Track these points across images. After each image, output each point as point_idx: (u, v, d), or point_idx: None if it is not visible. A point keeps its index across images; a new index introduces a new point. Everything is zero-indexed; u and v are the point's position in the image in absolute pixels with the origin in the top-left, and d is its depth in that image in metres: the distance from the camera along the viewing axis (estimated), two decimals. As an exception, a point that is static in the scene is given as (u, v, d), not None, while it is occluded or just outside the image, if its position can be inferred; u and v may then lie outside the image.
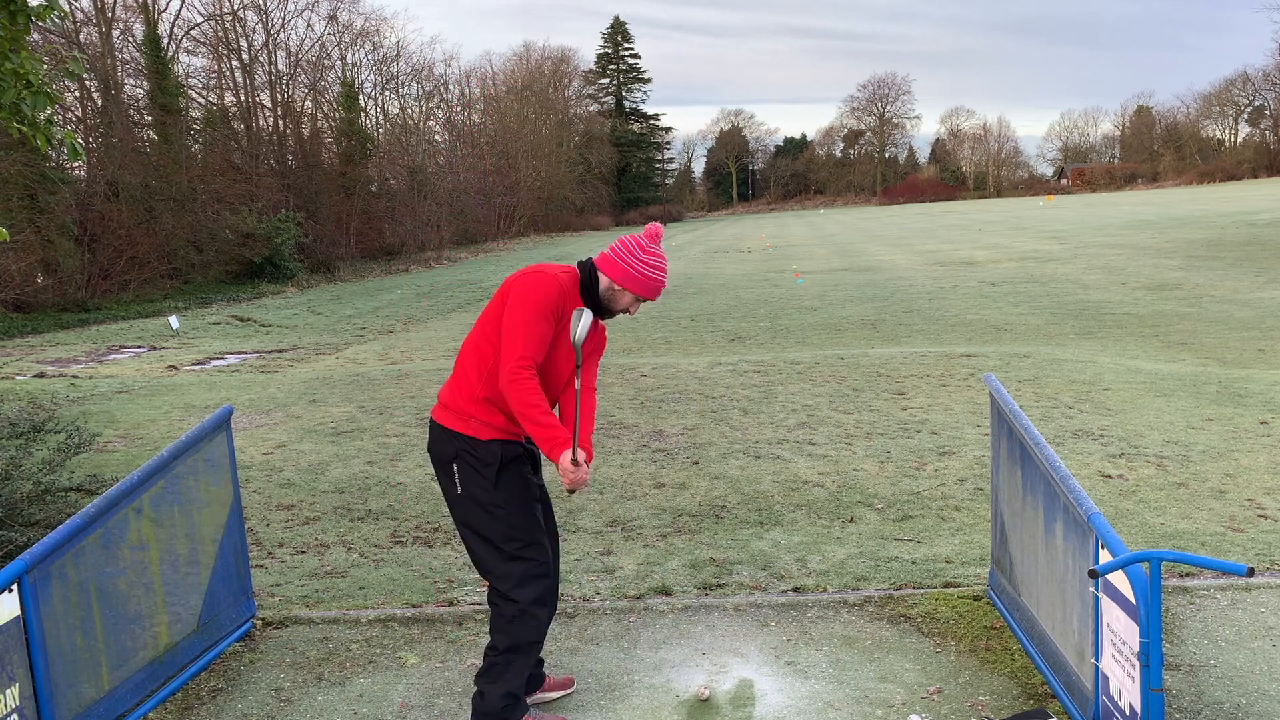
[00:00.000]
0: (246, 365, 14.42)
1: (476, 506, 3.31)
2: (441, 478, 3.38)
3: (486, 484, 3.29)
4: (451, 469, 3.32)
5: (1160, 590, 2.70)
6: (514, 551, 3.30)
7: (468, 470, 3.29)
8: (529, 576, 3.31)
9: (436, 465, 3.38)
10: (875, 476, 6.54)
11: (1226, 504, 5.67)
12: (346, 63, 48.88)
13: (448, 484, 3.36)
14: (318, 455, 7.75)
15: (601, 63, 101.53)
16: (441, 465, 3.36)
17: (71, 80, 22.70)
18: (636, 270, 3.33)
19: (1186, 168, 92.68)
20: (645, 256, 3.35)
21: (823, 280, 23.11)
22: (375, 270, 37.22)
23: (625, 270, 3.33)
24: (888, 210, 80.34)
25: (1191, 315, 14.25)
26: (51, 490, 5.16)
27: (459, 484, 3.32)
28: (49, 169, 24.28)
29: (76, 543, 3.36)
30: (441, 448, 3.35)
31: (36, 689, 3.14)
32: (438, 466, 3.38)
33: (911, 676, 3.76)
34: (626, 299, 3.38)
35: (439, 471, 3.38)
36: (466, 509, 3.33)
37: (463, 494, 3.32)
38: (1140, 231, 32.49)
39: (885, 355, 11.43)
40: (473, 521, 3.33)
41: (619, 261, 3.34)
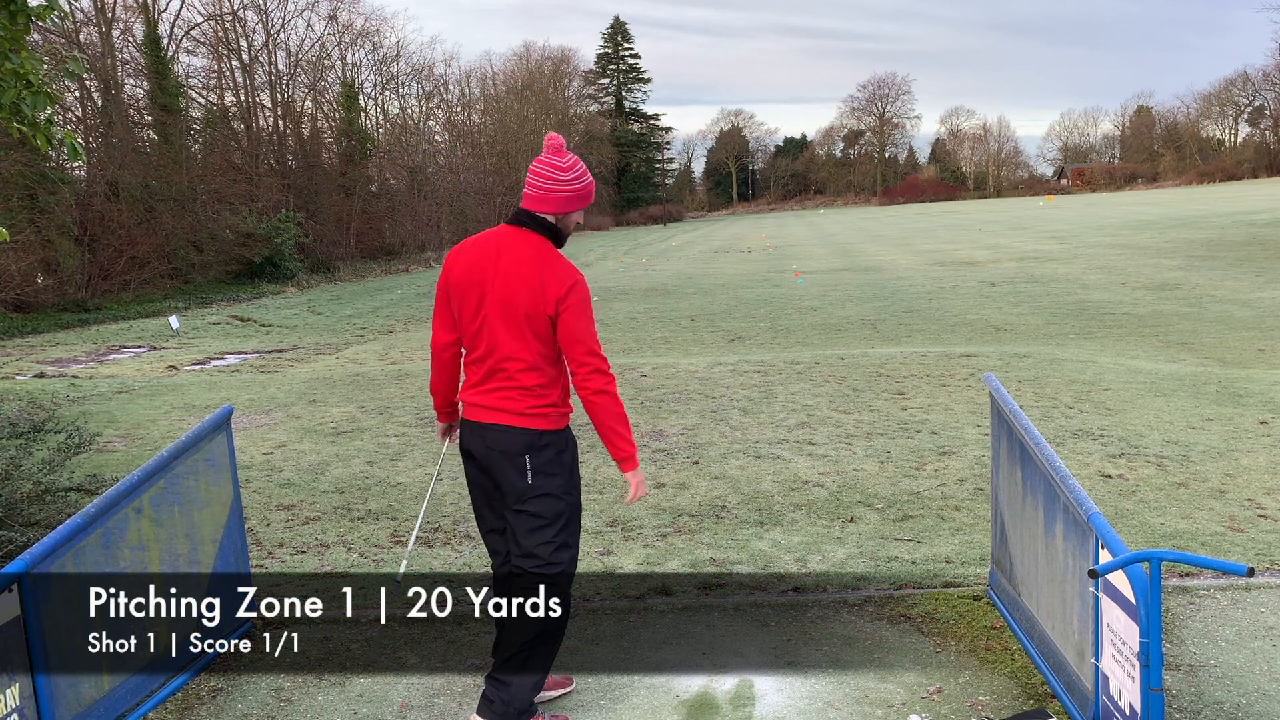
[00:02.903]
0: (246, 365, 14.41)
1: (546, 496, 3.31)
2: (508, 471, 3.32)
3: (561, 470, 3.33)
4: (524, 460, 3.30)
5: (1160, 590, 2.70)
6: (566, 539, 3.34)
7: (540, 459, 3.30)
8: (572, 563, 3.37)
9: (501, 459, 3.32)
10: (875, 476, 6.54)
11: (1226, 504, 5.67)
12: (346, 63, 48.89)
13: (515, 477, 3.31)
14: (318, 455, 7.75)
15: (601, 63, 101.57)
16: (513, 459, 3.31)
17: (71, 80, 22.69)
18: (570, 189, 3.30)
19: (1186, 168, 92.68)
20: (567, 173, 3.30)
21: (823, 280, 23.10)
22: (375, 270, 37.22)
23: (560, 196, 3.30)
24: (888, 210, 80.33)
25: (1191, 315, 14.24)
26: (51, 490, 5.16)
27: (530, 474, 3.30)
28: (49, 169, 24.27)
29: (76, 543, 3.35)
30: (510, 441, 3.30)
31: (36, 689, 3.14)
32: (505, 460, 3.32)
33: (911, 676, 3.76)
34: (574, 218, 3.39)
35: (505, 465, 3.32)
36: (532, 500, 3.31)
37: (532, 483, 3.30)
38: (1140, 231, 32.48)
39: (885, 355, 11.43)
40: (538, 510, 3.31)
41: (549, 192, 3.30)
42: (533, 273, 3.25)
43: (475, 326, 3.35)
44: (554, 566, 3.33)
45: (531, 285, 3.24)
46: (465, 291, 3.33)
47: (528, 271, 3.25)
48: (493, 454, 3.34)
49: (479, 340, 3.36)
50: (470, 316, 3.35)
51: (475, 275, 3.32)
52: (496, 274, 3.29)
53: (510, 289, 3.26)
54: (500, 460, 3.33)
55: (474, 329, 3.35)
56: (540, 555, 3.33)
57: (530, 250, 3.29)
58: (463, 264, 3.34)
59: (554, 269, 3.27)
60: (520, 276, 3.25)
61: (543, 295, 3.23)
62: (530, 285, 3.24)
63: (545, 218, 3.32)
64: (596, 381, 3.25)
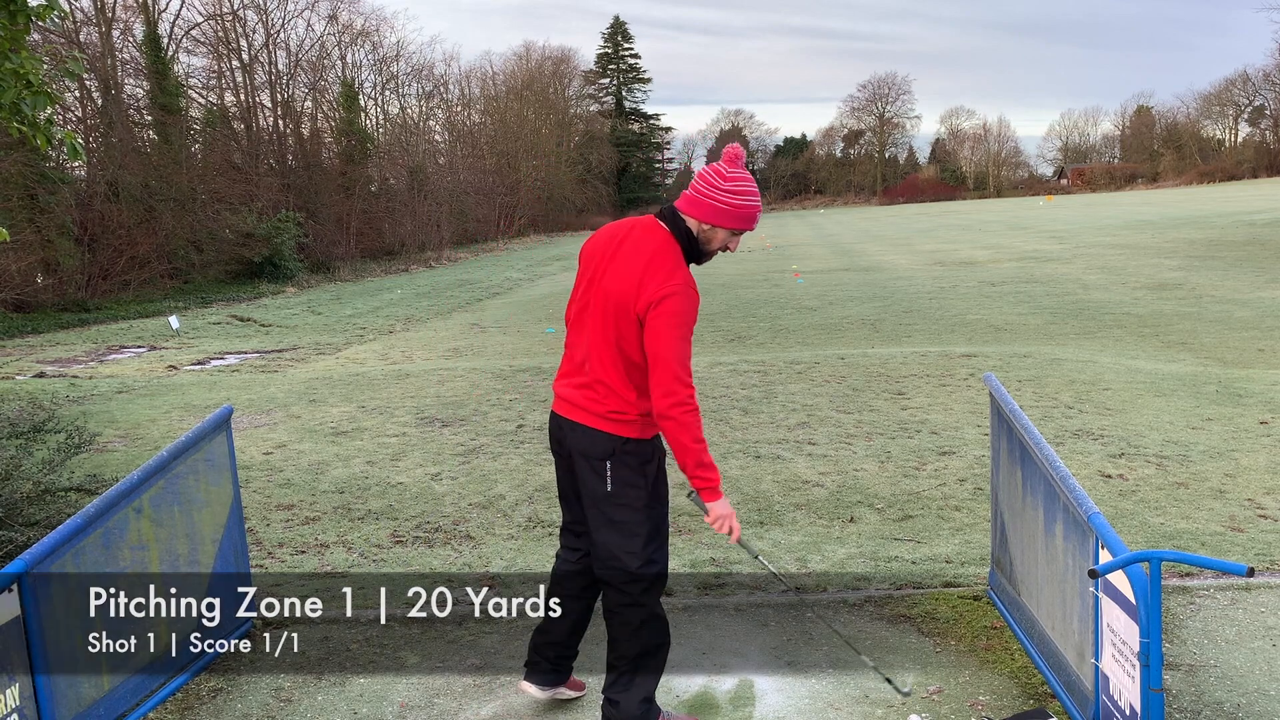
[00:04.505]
0: (246, 365, 14.41)
1: (626, 506, 3.17)
2: (587, 474, 3.18)
3: (644, 482, 3.15)
4: (604, 466, 3.14)
5: (1160, 590, 2.70)
6: (651, 554, 3.20)
7: (622, 468, 3.14)
8: (659, 578, 3.23)
9: (583, 460, 3.18)
10: (875, 476, 6.54)
11: (1226, 504, 5.67)
12: (346, 63, 48.88)
13: (594, 480, 3.17)
14: (318, 455, 7.75)
15: (601, 63, 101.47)
16: (592, 462, 3.16)
17: (71, 80, 22.71)
18: (723, 202, 3.07)
19: (1186, 168, 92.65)
20: (728, 184, 3.07)
21: (823, 280, 23.10)
22: (375, 270, 37.21)
23: (711, 206, 3.07)
24: (888, 210, 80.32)
25: (1191, 315, 14.24)
26: (51, 490, 5.16)
27: (610, 481, 3.15)
28: (49, 169, 24.27)
29: (76, 543, 3.35)
30: (594, 444, 3.15)
31: (36, 689, 3.14)
32: (585, 462, 3.18)
33: (911, 676, 3.76)
34: (721, 236, 3.13)
35: (585, 468, 3.18)
36: (613, 508, 3.17)
37: (613, 491, 3.16)
38: (1140, 231, 32.48)
39: (885, 355, 11.43)
40: (620, 519, 3.17)
41: (701, 198, 3.08)
42: (640, 267, 3.05)
43: (578, 308, 3.19)
44: (638, 583, 3.20)
45: (632, 278, 3.04)
46: (583, 268, 3.20)
47: (637, 264, 3.06)
48: (574, 454, 3.22)
49: (579, 325, 3.20)
50: (578, 295, 3.20)
51: (596, 254, 3.16)
52: (613, 259, 3.12)
53: (614, 276, 3.09)
54: (581, 462, 3.20)
55: (577, 310, 3.20)
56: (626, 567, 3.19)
57: (652, 245, 3.09)
58: (593, 240, 3.22)
59: (660, 269, 3.04)
60: (628, 266, 3.07)
61: (638, 293, 3.02)
62: (631, 278, 3.05)
63: (688, 221, 3.12)
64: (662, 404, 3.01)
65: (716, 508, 3.15)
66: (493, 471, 7.08)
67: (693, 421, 3.02)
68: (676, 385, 2.99)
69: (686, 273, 3.09)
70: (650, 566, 3.21)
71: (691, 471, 3.08)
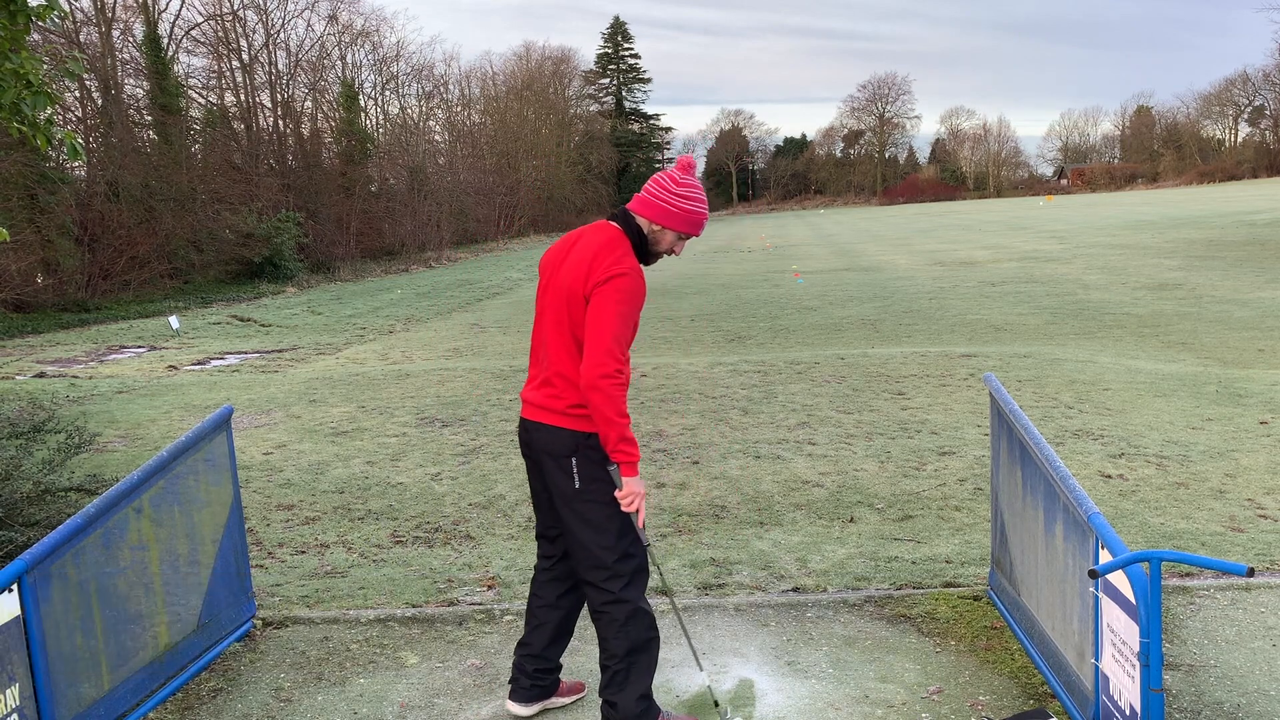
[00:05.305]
0: (246, 365, 14.41)
1: (595, 502, 3.19)
2: (555, 474, 3.21)
3: (609, 477, 3.17)
4: (570, 464, 3.17)
5: (1160, 590, 2.70)
6: (626, 548, 3.22)
7: (588, 464, 3.17)
8: (638, 572, 3.25)
9: (549, 461, 3.21)
10: (875, 476, 6.54)
11: (1226, 504, 5.67)
12: (346, 63, 48.96)
13: (562, 479, 3.19)
14: (318, 455, 7.76)
15: (601, 63, 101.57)
16: (558, 460, 3.19)
17: (71, 80, 22.69)
18: (674, 205, 3.17)
19: (1186, 168, 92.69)
20: (680, 189, 3.18)
21: (823, 280, 23.11)
22: (375, 270, 37.23)
23: (662, 208, 3.17)
24: (888, 210, 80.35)
25: (1191, 315, 14.25)
26: (51, 490, 5.16)
27: (577, 478, 3.17)
28: (49, 169, 24.29)
29: (76, 543, 3.35)
30: (557, 442, 3.18)
31: (36, 689, 3.14)
32: (552, 462, 3.21)
33: (911, 676, 3.76)
34: (669, 238, 3.23)
35: (552, 467, 3.21)
36: (584, 505, 3.20)
37: (581, 488, 3.18)
38: (1140, 231, 32.49)
39: (885, 355, 11.43)
40: (591, 516, 3.20)
41: (654, 200, 3.18)
42: (590, 255, 3.13)
43: (538, 312, 3.26)
44: (618, 579, 3.21)
45: (582, 266, 3.11)
46: (542, 277, 3.28)
47: (587, 255, 3.13)
48: (541, 455, 3.25)
49: (539, 326, 3.26)
50: (537, 302, 3.27)
51: (552, 261, 3.25)
52: (565, 260, 3.19)
53: (565, 272, 3.16)
54: (548, 462, 3.23)
55: (536, 315, 3.27)
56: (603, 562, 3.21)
57: (603, 238, 3.17)
58: (549, 250, 3.30)
59: (609, 254, 3.12)
60: (579, 259, 3.14)
61: (587, 276, 3.09)
62: (581, 266, 3.11)
63: (639, 220, 3.21)
64: (591, 375, 3.00)
65: (631, 484, 3.16)
66: (493, 471, 7.09)
67: (619, 395, 3.03)
68: (607, 358, 3.01)
69: (636, 262, 3.17)
70: (627, 561, 3.23)
71: (614, 446, 3.09)
